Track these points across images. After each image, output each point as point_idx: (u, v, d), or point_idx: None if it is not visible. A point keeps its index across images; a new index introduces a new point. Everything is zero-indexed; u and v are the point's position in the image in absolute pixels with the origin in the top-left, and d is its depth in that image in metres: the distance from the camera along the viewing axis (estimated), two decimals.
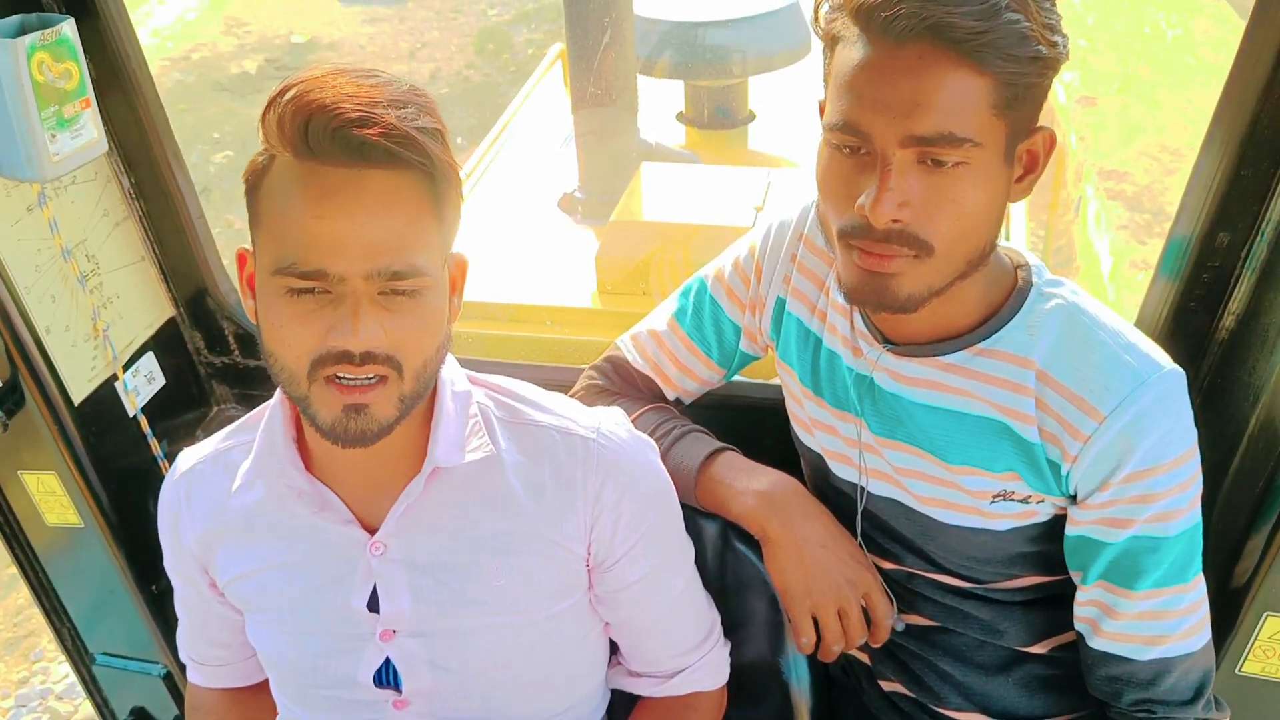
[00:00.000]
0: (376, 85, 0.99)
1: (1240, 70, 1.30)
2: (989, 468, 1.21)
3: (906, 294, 1.10)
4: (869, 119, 1.03)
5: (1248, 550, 1.40)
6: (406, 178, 1.00)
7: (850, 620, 1.28)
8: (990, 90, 1.02)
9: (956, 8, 0.98)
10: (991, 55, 0.99)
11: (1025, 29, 1.00)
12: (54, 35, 1.41)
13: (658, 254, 2.68)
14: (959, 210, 1.06)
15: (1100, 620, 1.22)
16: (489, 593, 1.19)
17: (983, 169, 1.05)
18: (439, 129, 1.02)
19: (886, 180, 1.04)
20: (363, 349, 1.00)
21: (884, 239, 1.06)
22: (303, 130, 0.97)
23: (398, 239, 0.99)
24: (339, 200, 0.97)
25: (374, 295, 1.00)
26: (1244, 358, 1.41)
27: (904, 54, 1.00)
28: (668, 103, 4.01)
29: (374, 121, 0.96)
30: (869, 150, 1.05)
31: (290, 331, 1.01)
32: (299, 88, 0.97)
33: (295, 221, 0.98)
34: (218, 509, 1.24)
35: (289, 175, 0.99)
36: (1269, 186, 1.34)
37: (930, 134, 1.02)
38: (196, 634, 1.38)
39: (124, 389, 1.73)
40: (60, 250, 1.58)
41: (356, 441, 1.05)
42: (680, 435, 1.40)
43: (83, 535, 1.75)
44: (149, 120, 1.65)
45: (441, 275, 1.07)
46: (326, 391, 1.03)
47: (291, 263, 0.98)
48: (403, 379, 1.04)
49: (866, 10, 1.01)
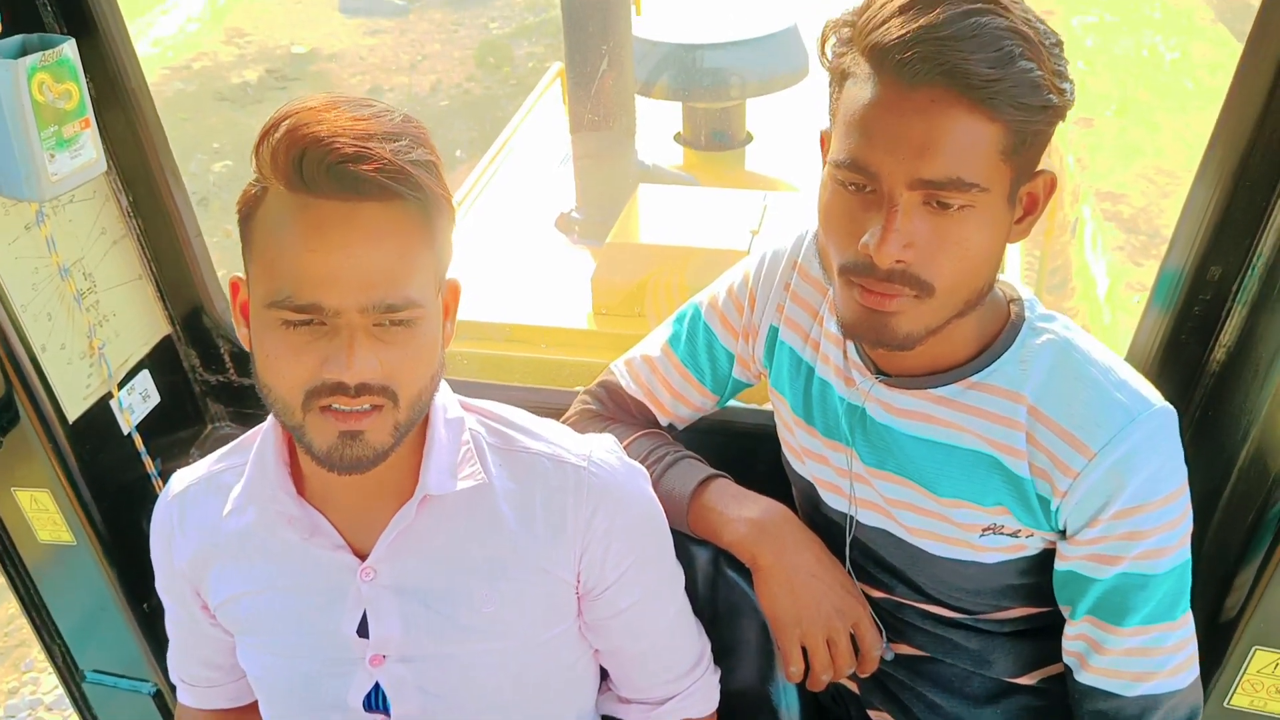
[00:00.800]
0: (371, 118, 0.99)
1: (1233, 105, 1.31)
2: (979, 501, 1.22)
3: (905, 333, 1.10)
4: (878, 159, 1.03)
5: (1237, 583, 1.40)
6: (400, 210, 1.00)
7: (839, 650, 1.28)
8: (1000, 136, 1.02)
9: (972, 54, 0.98)
10: (1004, 103, 1.00)
11: (1038, 77, 1.00)
12: (55, 56, 1.41)
13: (653, 277, 2.69)
14: (962, 253, 1.06)
15: (1088, 655, 1.22)
16: (479, 619, 1.19)
17: (987, 212, 1.06)
18: (432, 160, 1.02)
19: (893, 221, 1.04)
20: (358, 381, 1.00)
21: (886, 278, 1.07)
22: (297, 164, 0.97)
23: (392, 271, 1.00)
24: (333, 234, 0.98)
25: (368, 327, 1.00)
26: (1235, 390, 1.42)
27: (916, 96, 1.01)
28: (666, 123, 4.03)
29: (369, 156, 0.96)
30: (875, 189, 1.06)
31: (285, 363, 1.01)
32: (293, 120, 0.97)
33: (289, 254, 0.98)
34: (210, 532, 1.24)
35: (283, 207, 0.99)
36: (1260, 221, 1.35)
37: (939, 178, 1.02)
38: (187, 655, 1.38)
39: (119, 407, 1.73)
40: (57, 268, 1.59)
41: (352, 468, 1.05)
42: (673, 462, 1.41)
43: (75, 553, 1.74)
44: (148, 139, 1.65)
45: (435, 304, 1.07)
46: (322, 420, 1.03)
47: (286, 296, 0.99)
48: (398, 408, 1.04)
49: (881, 50, 1.01)
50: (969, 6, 0.99)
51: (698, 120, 3.90)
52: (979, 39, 0.98)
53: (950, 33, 0.98)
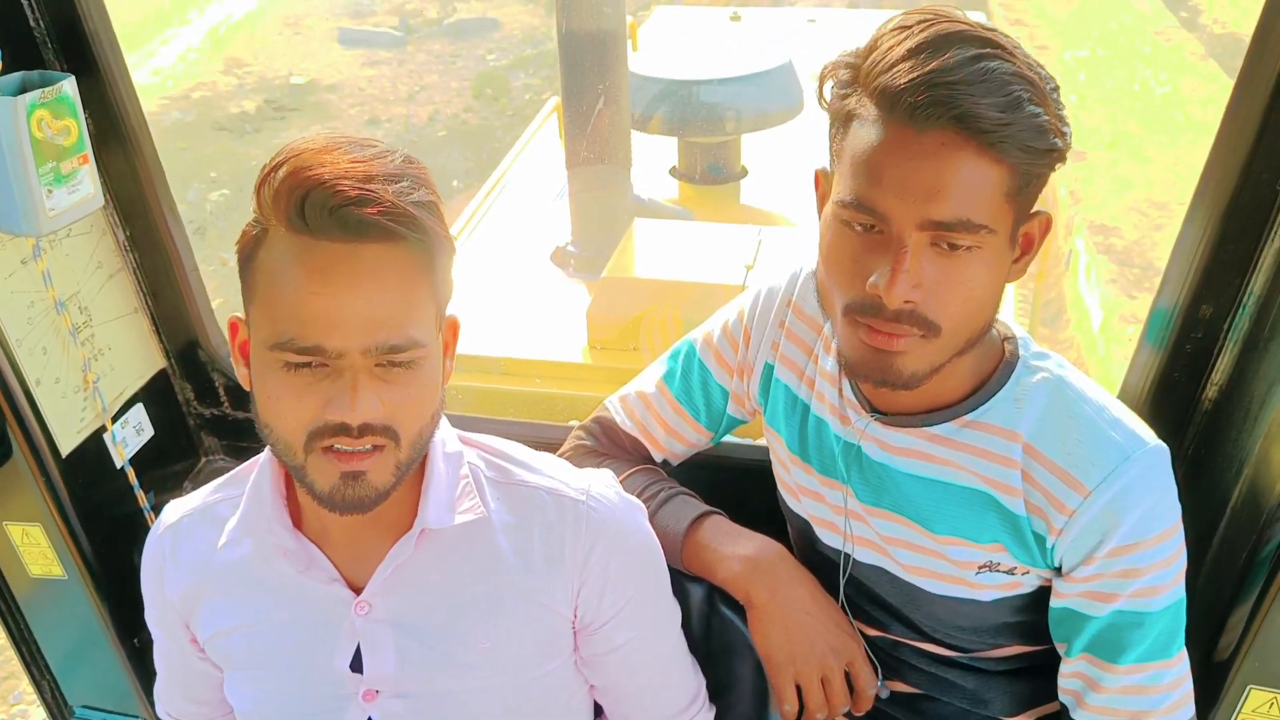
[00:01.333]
0: (372, 159, 0.99)
1: (1222, 146, 1.33)
2: (975, 539, 1.22)
3: (910, 372, 1.11)
4: (888, 202, 1.04)
5: (1232, 622, 1.40)
6: (402, 250, 1.00)
7: (833, 688, 1.28)
8: (1006, 178, 1.03)
9: (982, 98, 0.99)
10: (1012, 146, 1.01)
11: (1044, 122, 1.02)
12: (54, 93, 1.42)
13: (648, 311, 2.70)
14: (968, 293, 1.07)
15: (1084, 694, 1.22)
16: (475, 655, 1.18)
17: (992, 253, 1.07)
18: (433, 201, 1.03)
19: (902, 262, 1.04)
20: (360, 421, 1.00)
21: (894, 318, 1.07)
22: (299, 206, 0.97)
23: (395, 313, 1.00)
24: (336, 275, 0.98)
25: (371, 368, 1.00)
26: (1227, 429, 1.43)
27: (926, 140, 1.02)
28: (662, 158, 4.06)
29: (372, 199, 0.96)
30: (882, 229, 1.06)
31: (287, 405, 1.01)
32: (294, 162, 0.97)
33: (291, 296, 0.98)
34: (202, 564, 1.23)
35: (284, 249, 0.99)
36: (1251, 260, 1.36)
37: (949, 220, 1.03)
38: (174, 689, 1.37)
39: (112, 440, 1.73)
40: (53, 303, 1.59)
41: (353, 509, 1.05)
42: (667, 498, 1.41)
43: (66, 587, 1.74)
44: (146, 174, 1.66)
45: (436, 342, 1.07)
46: (324, 460, 1.03)
47: (289, 339, 0.98)
48: (399, 447, 1.04)
49: (891, 94, 1.02)
50: (976, 51, 1.00)
51: (693, 155, 3.93)
52: (988, 83, 0.99)
53: (960, 77, 0.99)
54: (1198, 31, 11.71)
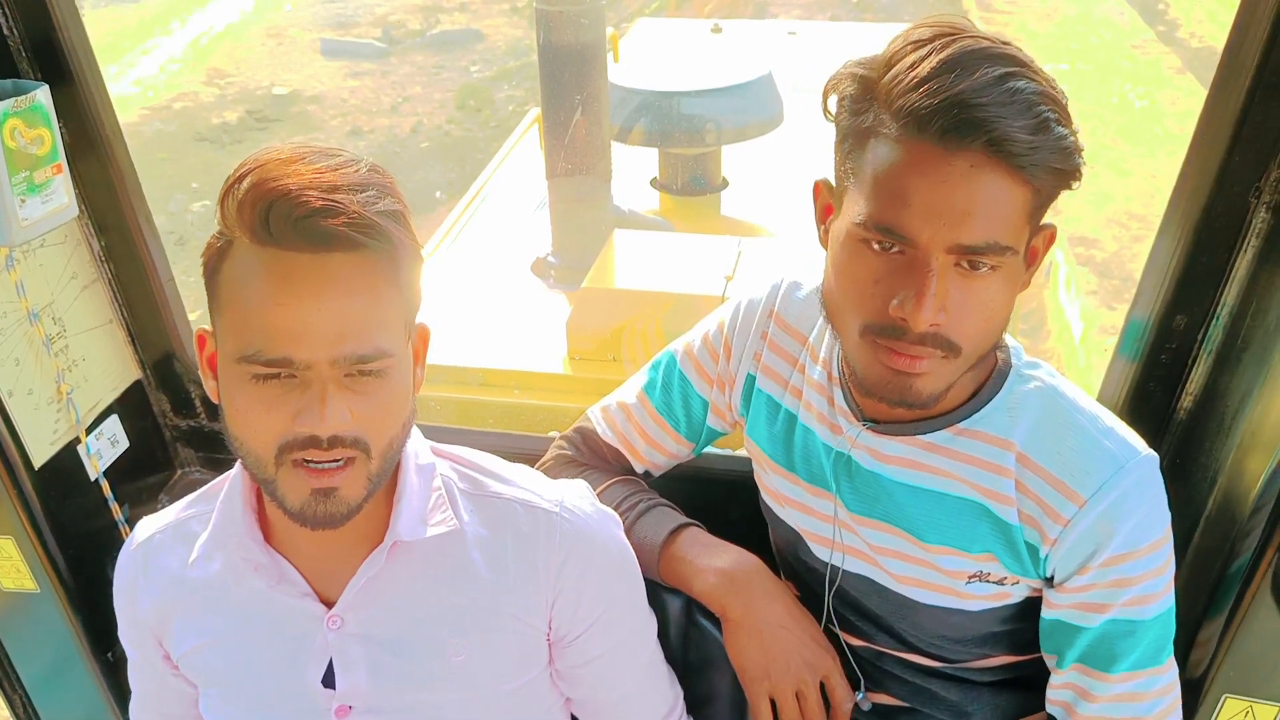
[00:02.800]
0: (337, 169, 0.98)
1: (1194, 159, 1.34)
2: (966, 548, 1.22)
3: (930, 392, 1.10)
4: (917, 226, 1.02)
5: (1207, 631, 1.40)
6: (368, 260, 0.99)
7: (808, 703, 1.27)
8: (1029, 199, 1.03)
9: (1013, 120, 0.98)
10: (1040, 170, 1.01)
11: (1070, 143, 1.01)
12: (27, 102, 1.41)
13: (629, 322, 2.70)
14: (988, 313, 1.07)
15: (1076, 704, 1.22)
16: (448, 668, 1.17)
17: (1010, 271, 1.07)
18: (399, 210, 1.02)
19: (929, 285, 1.03)
20: (330, 433, 0.99)
21: (918, 341, 1.06)
22: (264, 217, 0.96)
23: (362, 323, 0.99)
24: (302, 287, 0.97)
25: (339, 378, 0.99)
26: (1202, 439, 1.43)
27: (956, 162, 1.00)
28: (642, 169, 4.07)
29: (336, 210, 0.95)
30: (904, 250, 1.05)
31: (255, 417, 1.01)
32: (258, 173, 0.97)
33: (257, 308, 0.98)
34: (175, 580, 1.22)
35: (249, 261, 0.99)
36: (1224, 271, 1.37)
37: (979, 243, 1.02)
38: (149, 706, 1.36)
39: (86, 452, 1.71)
40: (27, 314, 1.58)
41: (325, 524, 1.04)
42: (645, 510, 1.40)
43: (38, 601, 1.72)
44: (121, 184, 1.65)
45: (405, 351, 1.06)
46: (294, 475, 1.02)
47: (256, 350, 0.98)
48: (370, 459, 1.04)
49: (918, 115, 1.00)
50: (1003, 70, 0.99)
51: (674, 166, 3.94)
52: (1016, 105, 0.98)
53: (989, 99, 0.97)
54: (1175, 45, 11.83)
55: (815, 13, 13.36)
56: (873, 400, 1.20)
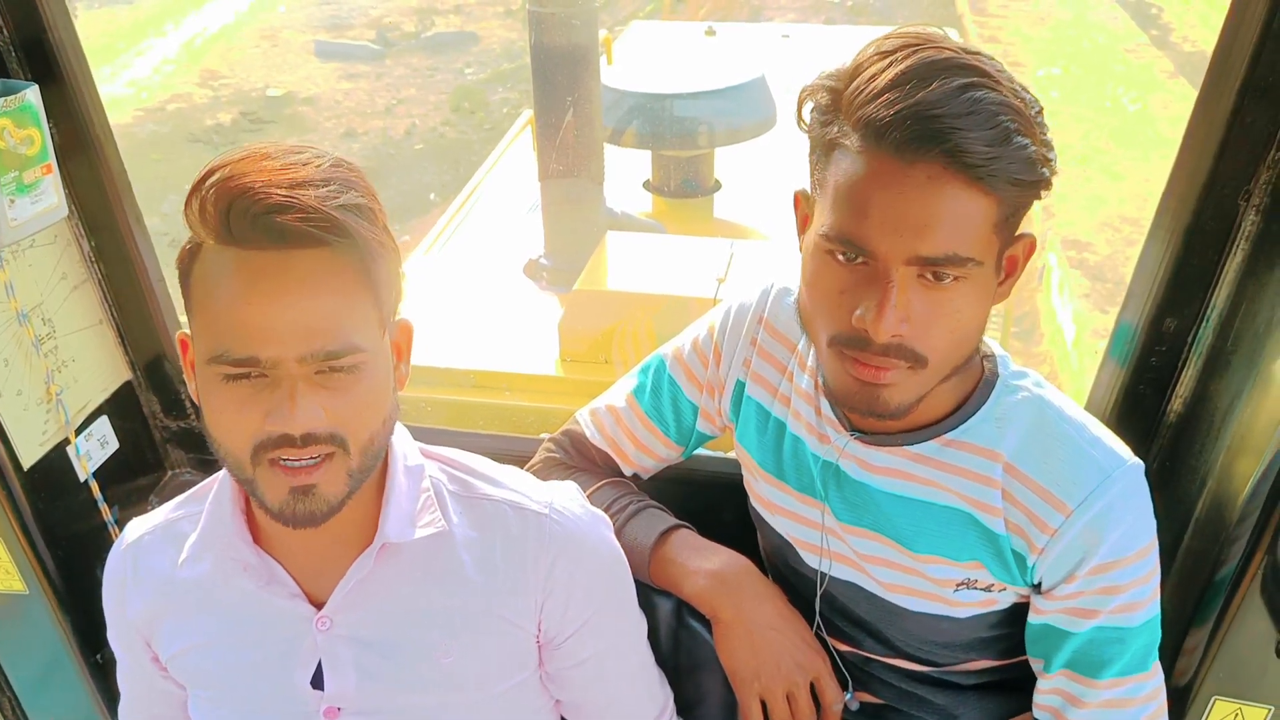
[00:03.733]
0: (299, 165, 0.98)
1: (1185, 162, 1.34)
2: (954, 557, 1.22)
3: (897, 403, 1.10)
4: (876, 237, 1.02)
5: (1197, 633, 1.41)
6: (334, 256, 0.99)
7: (798, 704, 1.28)
8: (993, 210, 1.02)
9: (970, 131, 0.97)
10: (1000, 180, 1.00)
11: (1032, 153, 1.00)
12: (17, 102, 1.41)
13: (620, 324, 2.69)
14: (954, 324, 1.06)
15: (1064, 709, 1.22)
16: (437, 671, 1.17)
17: (978, 282, 1.06)
18: (364, 203, 1.01)
19: (889, 297, 1.03)
20: (302, 431, 0.99)
21: (882, 352, 1.06)
22: (224, 217, 0.96)
23: (330, 319, 0.99)
24: (266, 285, 0.97)
25: (310, 376, 0.99)
26: (1191, 442, 1.44)
27: (914, 173, 0.99)
28: (635, 171, 4.07)
29: (294, 206, 0.95)
30: (866, 261, 1.04)
31: (228, 417, 1.00)
32: (220, 173, 0.97)
33: (224, 309, 0.98)
34: (164, 581, 1.22)
35: (215, 262, 0.99)
36: (1214, 274, 1.37)
37: (937, 254, 1.01)
38: (138, 708, 1.35)
39: (76, 453, 1.70)
40: (16, 314, 1.57)
41: (305, 522, 1.04)
42: (635, 512, 1.40)
43: (27, 602, 1.71)
44: (111, 185, 1.64)
45: (381, 346, 1.06)
46: (272, 474, 1.02)
47: (224, 350, 0.98)
48: (349, 455, 1.03)
49: (876, 126, 1.00)
50: (963, 80, 0.98)
51: (667, 168, 3.95)
52: (976, 115, 0.97)
53: (948, 109, 0.97)
54: (1167, 50, 11.87)
55: (810, 16, 13.38)
56: (845, 411, 1.20)
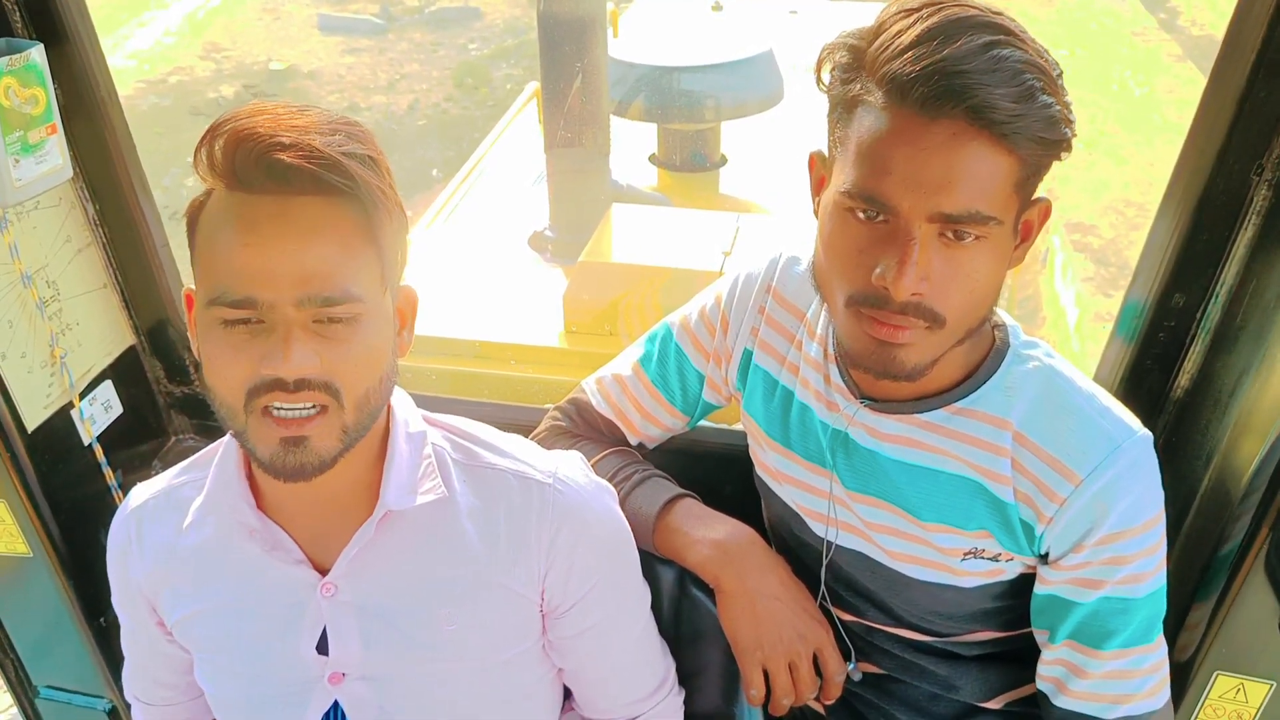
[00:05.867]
0: (307, 115, 0.99)
1: (1196, 136, 1.33)
2: (962, 526, 1.22)
3: (914, 364, 1.10)
4: (898, 194, 1.02)
5: (1200, 608, 1.41)
6: (337, 204, 0.99)
7: (800, 674, 1.28)
8: (1015, 169, 1.02)
9: (995, 88, 0.97)
10: (1024, 138, 0.99)
11: (1056, 112, 1.00)
12: (22, 61, 1.40)
13: (625, 296, 2.69)
14: (973, 284, 1.06)
15: (1067, 680, 1.22)
16: (440, 638, 1.17)
17: (997, 243, 1.06)
18: (370, 156, 1.02)
19: (910, 254, 1.02)
20: (295, 376, 0.99)
21: (900, 311, 1.05)
22: (231, 159, 0.97)
23: (328, 265, 0.99)
24: (267, 228, 0.97)
25: (306, 323, 0.99)
26: (1197, 418, 1.43)
27: (937, 130, 0.99)
28: (641, 144, 4.05)
29: (300, 147, 0.96)
30: (887, 219, 1.04)
31: (224, 362, 1.00)
32: (230, 122, 0.98)
33: (225, 251, 0.98)
34: (168, 547, 1.22)
35: (222, 207, 1.00)
36: (1223, 251, 1.37)
37: (959, 211, 1.01)
38: (143, 672, 1.36)
39: (80, 417, 1.70)
40: (20, 275, 1.57)
41: (296, 475, 1.03)
42: (640, 480, 1.40)
43: (31, 565, 1.71)
44: (116, 147, 1.64)
45: (381, 303, 1.05)
46: (263, 424, 1.01)
47: (222, 292, 0.98)
48: (343, 409, 1.03)
49: (900, 82, 0.99)
50: (988, 38, 0.98)
51: (672, 142, 3.93)
52: (1000, 72, 0.97)
53: (973, 66, 0.97)
54: (1175, 33, 11.80)
55: None
56: (861, 372, 1.20)
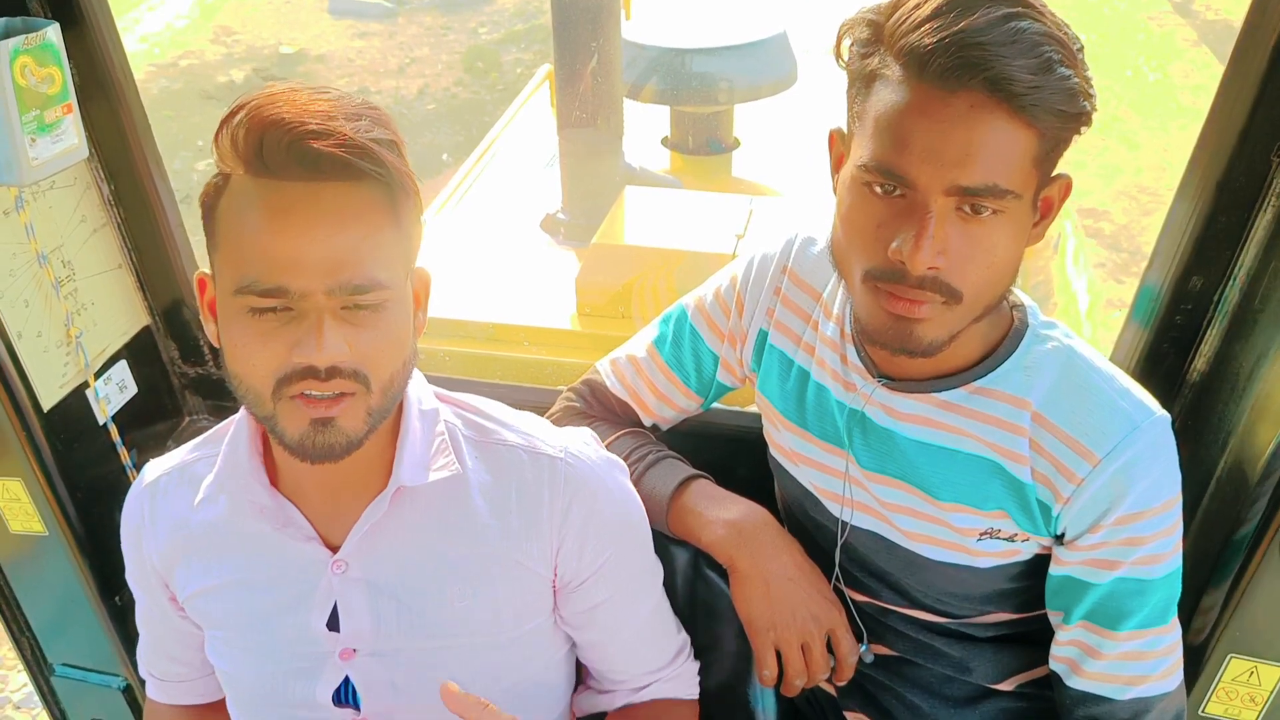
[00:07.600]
0: (330, 99, 0.98)
1: (1217, 117, 1.32)
2: (979, 506, 1.22)
3: (930, 339, 1.09)
4: (916, 167, 1.01)
5: (1215, 591, 1.41)
6: (364, 190, 0.99)
7: (813, 655, 1.28)
8: (1034, 143, 1.01)
9: (1014, 60, 0.96)
10: (1043, 111, 0.99)
11: (1075, 85, 1.00)
12: (38, 40, 1.40)
13: (638, 279, 2.68)
14: (991, 259, 1.05)
15: (1081, 661, 1.22)
16: (451, 614, 1.18)
17: (1015, 218, 1.05)
18: (394, 140, 1.01)
19: (927, 228, 1.02)
20: (328, 364, 0.99)
21: (917, 285, 1.05)
22: (257, 145, 0.96)
23: (358, 252, 0.99)
24: (297, 215, 0.97)
25: (336, 310, 0.99)
26: (1214, 401, 1.43)
27: (955, 102, 0.99)
28: (654, 127, 4.04)
29: (330, 133, 0.95)
30: (905, 193, 1.04)
31: (253, 350, 1.00)
32: (252, 105, 0.97)
33: (253, 239, 0.98)
34: (180, 523, 1.22)
35: (245, 192, 0.99)
36: (1242, 233, 1.36)
37: (977, 185, 1.00)
38: (156, 649, 1.37)
39: (95, 397, 1.71)
40: (36, 255, 1.57)
41: (324, 456, 1.03)
42: (654, 461, 1.40)
43: (47, 544, 1.72)
44: (131, 127, 1.64)
45: (404, 287, 1.06)
46: (292, 407, 1.01)
47: (251, 280, 0.97)
48: (370, 393, 1.03)
49: (919, 54, 0.99)
50: (1007, 10, 0.98)
51: (685, 124, 3.91)
52: (1019, 44, 0.97)
53: (991, 38, 0.96)
54: (1190, 18, 11.70)
55: None
56: (878, 349, 1.19)
